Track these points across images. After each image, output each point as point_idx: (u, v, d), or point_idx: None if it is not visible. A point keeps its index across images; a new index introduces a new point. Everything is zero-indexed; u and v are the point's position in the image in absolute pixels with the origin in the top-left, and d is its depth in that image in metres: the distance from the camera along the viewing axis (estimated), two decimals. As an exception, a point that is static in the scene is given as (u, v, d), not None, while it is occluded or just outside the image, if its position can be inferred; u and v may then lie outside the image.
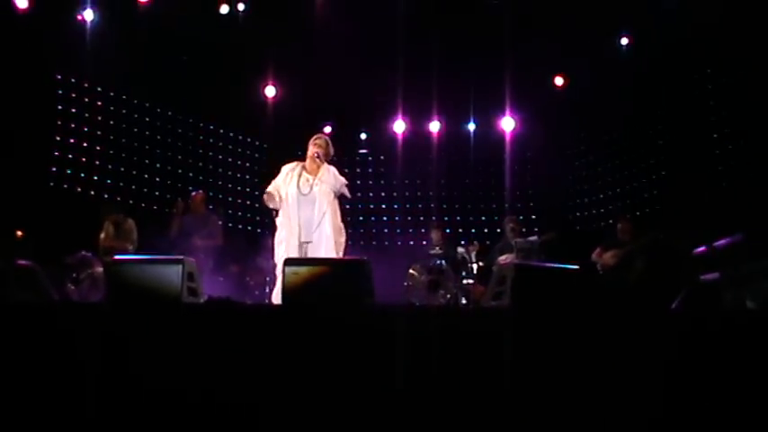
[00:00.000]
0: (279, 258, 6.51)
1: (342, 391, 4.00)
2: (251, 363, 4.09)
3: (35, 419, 4.09)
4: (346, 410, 3.98)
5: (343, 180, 6.70)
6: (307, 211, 6.51)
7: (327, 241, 6.46)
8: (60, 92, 10.14)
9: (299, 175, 6.63)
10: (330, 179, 6.59)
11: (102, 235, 8.83)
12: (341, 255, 6.61)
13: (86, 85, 10.36)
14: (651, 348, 3.98)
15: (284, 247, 6.47)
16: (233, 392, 4.04)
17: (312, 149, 6.70)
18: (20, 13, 8.74)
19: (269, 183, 6.74)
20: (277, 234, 6.68)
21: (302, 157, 6.81)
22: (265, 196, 6.66)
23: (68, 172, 10.09)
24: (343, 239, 6.67)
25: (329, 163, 6.76)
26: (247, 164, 12.08)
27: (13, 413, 4.09)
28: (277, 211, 6.69)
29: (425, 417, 3.92)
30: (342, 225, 6.70)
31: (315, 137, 6.80)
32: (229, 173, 11.93)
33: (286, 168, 6.75)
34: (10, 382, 4.13)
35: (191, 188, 10.25)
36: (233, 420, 4.03)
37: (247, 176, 12.01)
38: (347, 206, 7.16)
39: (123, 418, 4.05)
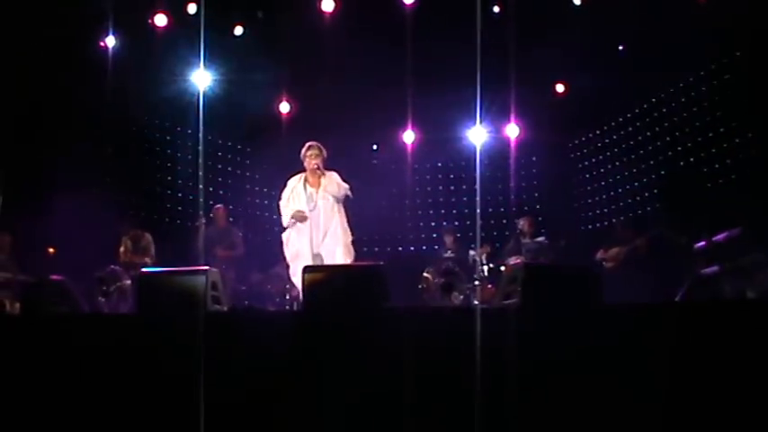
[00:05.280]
0: (295, 272, 6.58)
1: (361, 391, 4.15)
2: (272, 366, 4.28)
3: (66, 425, 4.29)
4: (366, 412, 4.13)
5: (344, 185, 6.79)
6: (314, 224, 6.68)
7: (336, 249, 6.61)
8: (85, 114, 10.45)
9: (304, 189, 6.77)
10: (333, 189, 6.71)
11: (122, 249, 9.07)
12: (351, 253, 6.73)
13: (110, 106, 10.72)
14: (657, 340, 4.09)
15: (300, 262, 6.49)
16: (258, 393, 4.22)
17: (309, 162, 6.79)
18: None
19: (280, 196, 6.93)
20: (288, 250, 6.80)
21: (304, 169, 6.88)
22: (291, 221, 6.75)
23: (93, 191, 10.47)
24: (350, 239, 6.76)
25: (328, 168, 6.86)
26: (265, 177, 12.39)
27: (46, 419, 4.29)
28: (284, 227, 6.85)
29: (432, 415, 4.08)
30: (347, 226, 6.79)
31: (306, 148, 6.85)
32: (248, 186, 12.26)
33: (291, 183, 6.88)
34: (44, 390, 4.33)
35: (212, 202, 10.61)
36: (259, 420, 4.23)
37: (265, 189, 12.32)
38: (356, 211, 7.33)
39: (152, 424, 4.27)
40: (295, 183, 6.88)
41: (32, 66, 9.00)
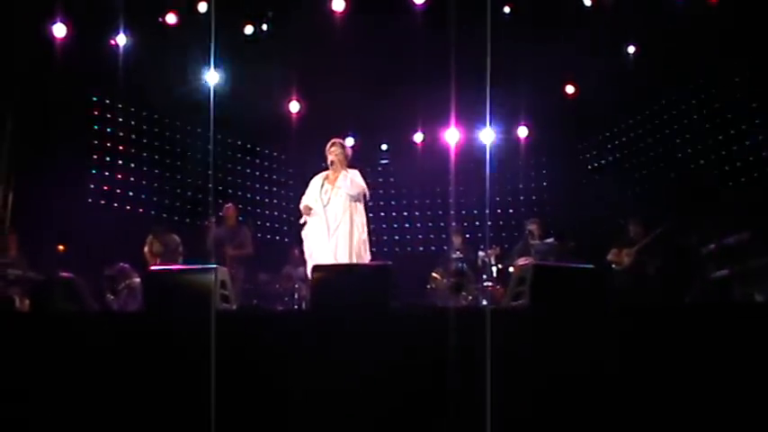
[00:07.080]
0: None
1: (369, 391, 4.15)
2: (280, 365, 4.29)
3: (75, 422, 4.32)
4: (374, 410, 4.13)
5: (361, 184, 6.77)
6: (328, 219, 6.68)
7: (344, 246, 6.59)
8: (96, 113, 10.55)
9: (322, 186, 6.82)
10: (346, 186, 6.70)
11: (146, 249, 9.11)
12: (363, 252, 6.71)
13: (120, 105, 10.81)
14: (665, 342, 4.10)
15: (314, 258, 6.57)
16: (266, 391, 4.25)
17: (328, 157, 6.85)
18: (58, 41, 9.18)
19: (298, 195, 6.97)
20: (306, 247, 6.82)
21: (326, 168, 6.94)
22: (303, 209, 6.81)
23: (105, 188, 10.57)
24: (363, 238, 6.73)
25: (350, 166, 6.88)
26: (274, 176, 12.45)
27: (55, 417, 4.32)
28: (302, 225, 6.87)
29: (441, 415, 4.06)
30: (360, 224, 6.76)
31: (329, 144, 6.90)
32: (257, 185, 12.31)
33: (313, 181, 6.93)
34: (53, 387, 4.36)
35: (221, 201, 10.64)
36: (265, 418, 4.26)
37: (274, 189, 12.35)
38: (371, 214, 7.31)
39: (160, 422, 4.29)
40: (317, 179, 6.93)
41: (41, 64, 9.04)
